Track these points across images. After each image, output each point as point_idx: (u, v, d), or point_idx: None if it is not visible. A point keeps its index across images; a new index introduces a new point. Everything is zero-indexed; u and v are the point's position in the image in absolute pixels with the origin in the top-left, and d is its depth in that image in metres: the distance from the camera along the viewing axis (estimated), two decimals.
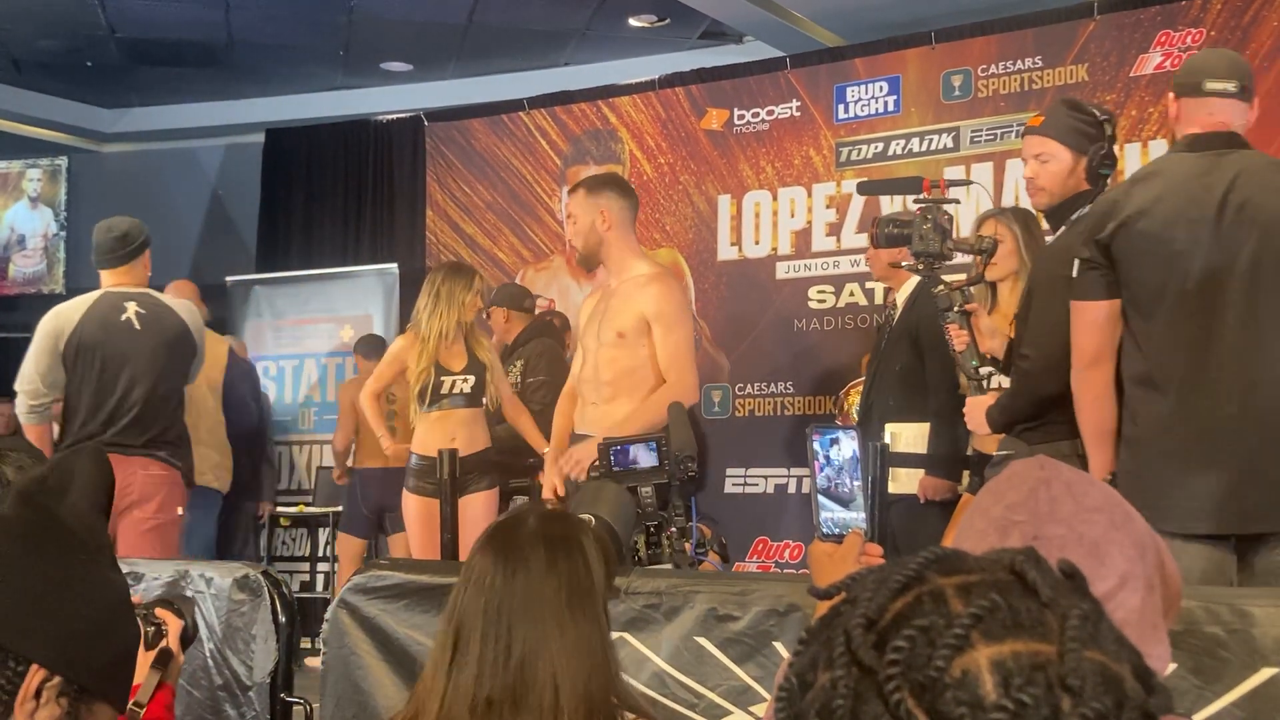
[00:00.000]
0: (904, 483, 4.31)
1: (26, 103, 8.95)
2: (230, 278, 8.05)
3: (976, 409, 3.37)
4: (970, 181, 5.02)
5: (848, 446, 1.90)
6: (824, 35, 6.92)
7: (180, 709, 2.57)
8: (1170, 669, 1.77)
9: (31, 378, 4.60)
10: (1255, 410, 2.85)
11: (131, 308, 4.67)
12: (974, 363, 3.38)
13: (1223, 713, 1.81)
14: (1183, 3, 5.70)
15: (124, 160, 9.63)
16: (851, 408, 6.20)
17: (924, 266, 3.46)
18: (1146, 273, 2.92)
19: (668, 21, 7.33)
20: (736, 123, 6.86)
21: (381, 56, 8.19)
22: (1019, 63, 6.09)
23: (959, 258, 3.86)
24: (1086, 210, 3.24)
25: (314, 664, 3.41)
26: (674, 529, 2.88)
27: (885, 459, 3.85)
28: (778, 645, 2.17)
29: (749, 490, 6.57)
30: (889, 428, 4.41)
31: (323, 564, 7.26)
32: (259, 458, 6.76)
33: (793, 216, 6.66)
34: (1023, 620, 0.73)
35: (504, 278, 7.43)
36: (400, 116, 8.27)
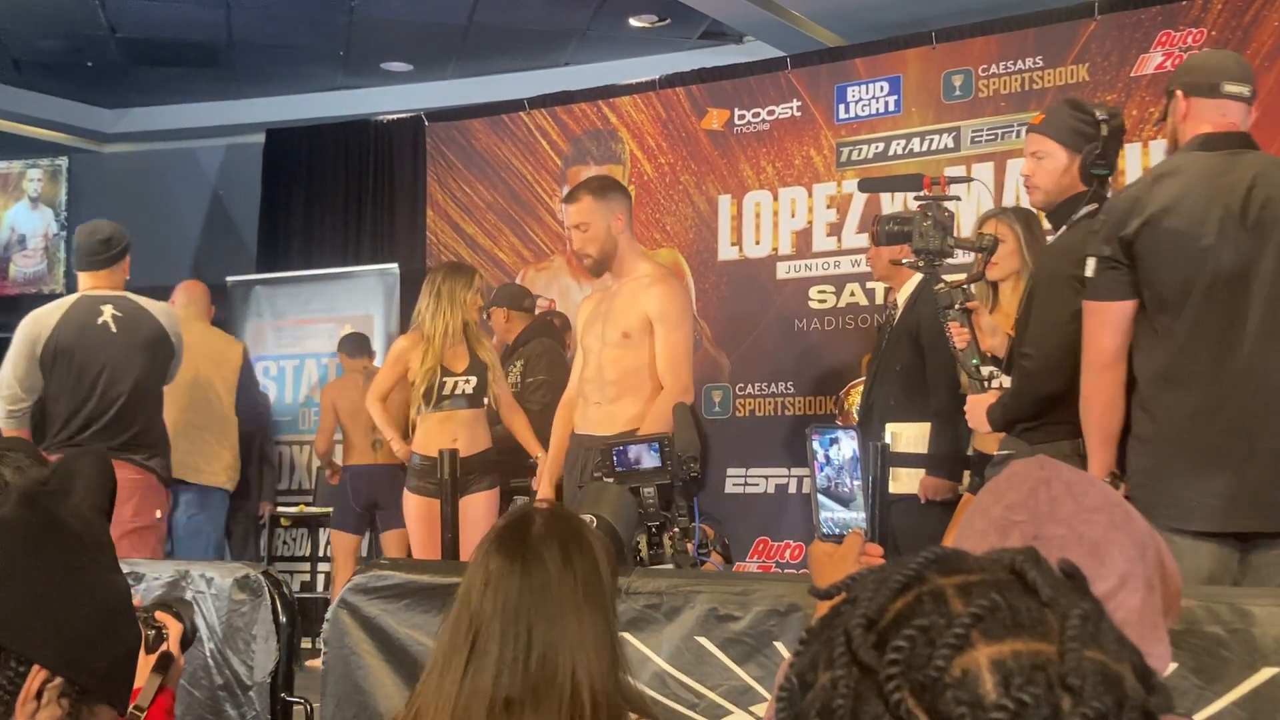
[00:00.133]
0: (904, 483, 4.31)
1: (27, 103, 8.95)
2: (231, 278, 8.05)
3: (977, 408, 3.37)
4: (971, 179, 5.03)
5: (848, 446, 1.90)
6: (824, 35, 6.92)
7: (181, 709, 2.57)
8: (1171, 668, 1.77)
9: (9, 382, 4.60)
10: (1278, 407, 2.85)
11: (109, 311, 4.67)
12: (975, 361, 3.38)
13: (1223, 712, 1.81)
14: (1183, 2, 5.70)
15: (124, 160, 9.62)
16: (852, 407, 6.20)
17: (925, 263, 3.46)
18: (1173, 269, 2.91)
19: (668, 21, 7.33)
20: (737, 123, 6.86)
21: (382, 56, 8.19)
22: (1019, 63, 6.08)
23: (960, 257, 3.87)
24: (1090, 210, 3.24)
25: (314, 664, 3.41)
26: (677, 529, 2.88)
27: (886, 459, 3.85)
28: (778, 645, 2.17)
29: (749, 490, 6.57)
30: (889, 427, 4.40)
31: (323, 564, 7.26)
32: (259, 458, 6.76)
33: (793, 216, 6.66)
34: (1023, 620, 0.73)
35: (505, 278, 7.43)
36: (401, 116, 8.27)
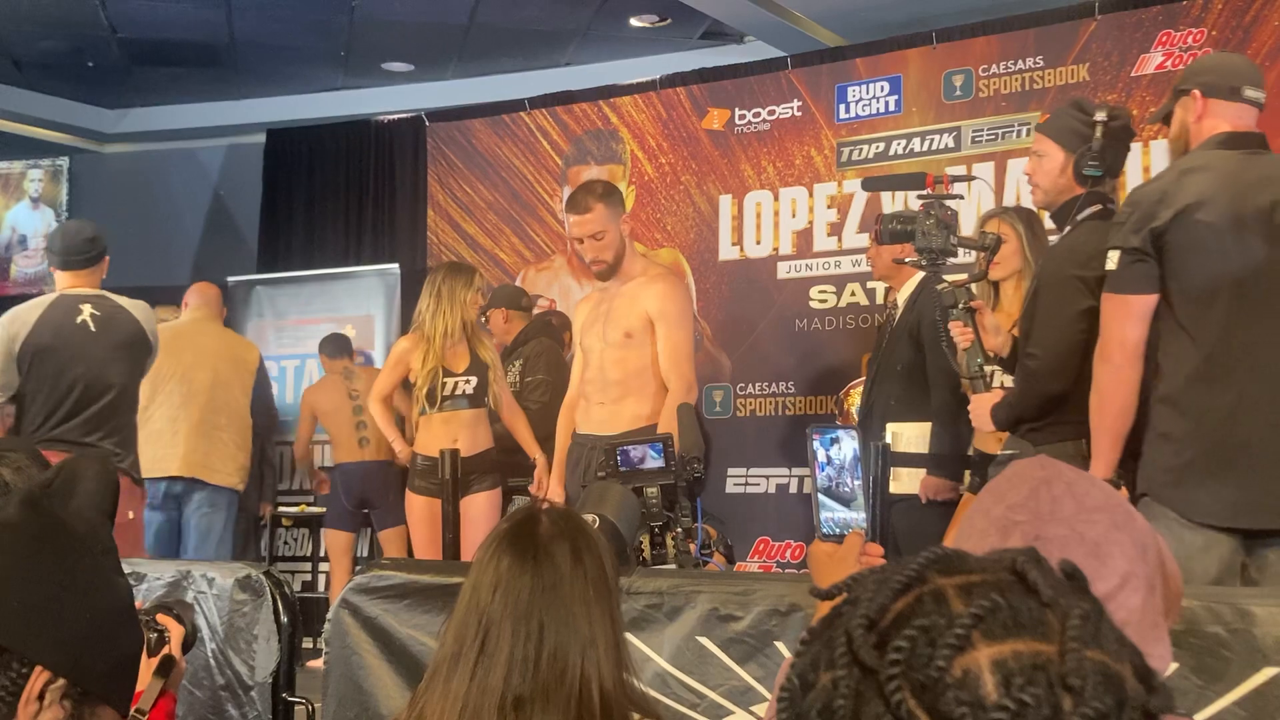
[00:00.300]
0: (905, 482, 4.30)
1: (28, 103, 8.94)
2: (232, 278, 8.05)
3: (981, 407, 3.36)
4: (974, 177, 5.02)
5: (848, 446, 1.90)
6: (825, 35, 6.92)
7: (182, 709, 2.57)
8: (1172, 668, 1.77)
9: None
10: None
11: (87, 309, 4.70)
12: (979, 360, 3.38)
13: (1224, 712, 1.81)
14: (1184, 2, 5.70)
15: (125, 160, 9.62)
16: (852, 408, 6.20)
17: (928, 262, 3.46)
18: (1203, 263, 2.90)
19: (669, 21, 7.33)
20: (738, 123, 6.86)
21: (382, 57, 8.18)
22: (1020, 62, 6.08)
23: (962, 256, 3.86)
24: (1094, 210, 3.24)
25: (316, 664, 3.41)
26: (680, 530, 2.88)
27: (887, 459, 3.85)
28: (779, 645, 2.17)
29: (750, 490, 6.57)
30: (890, 427, 4.40)
31: (324, 564, 7.25)
32: (260, 459, 6.77)
33: (794, 216, 6.66)
34: (1024, 620, 0.73)
35: (505, 278, 7.43)
36: (401, 117, 8.27)
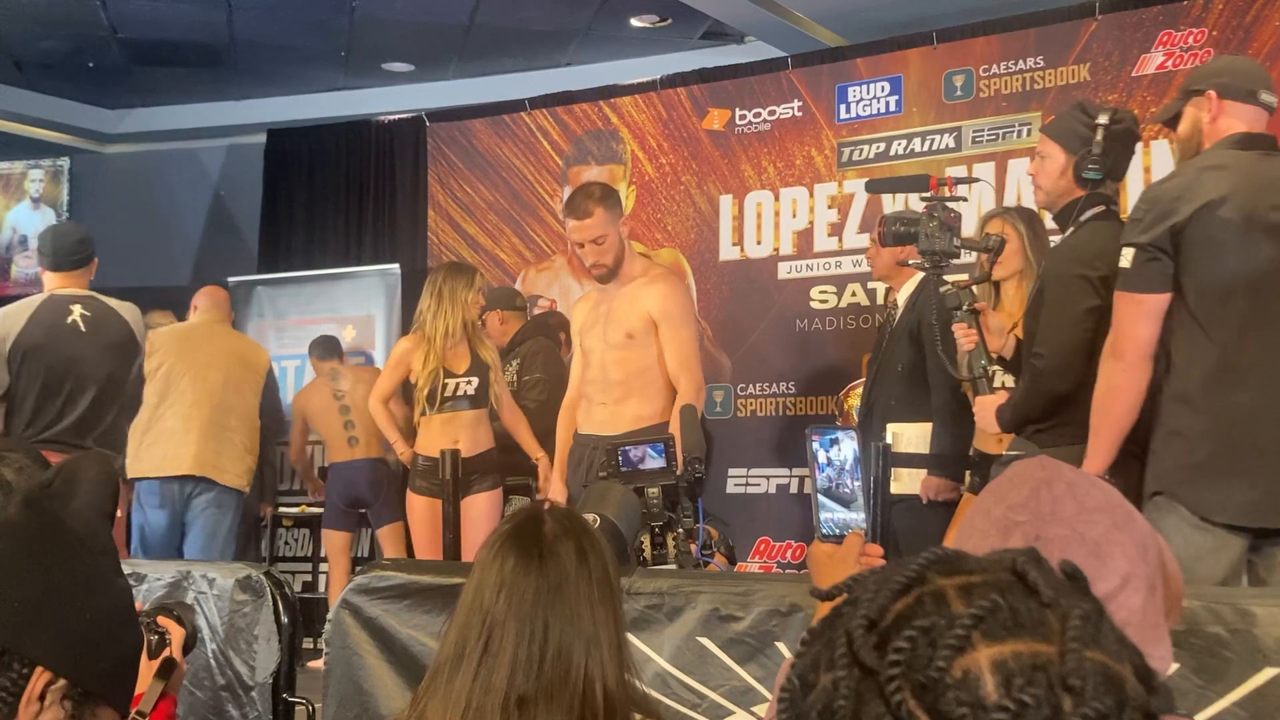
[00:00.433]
0: (906, 483, 4.30)
1: (29, 103, 8.95)
2: (232, 278, 8.04)
3: (986, 409, 3.36)
4: (976, 179, 5.02)
5: (848, 447, 1.90)
6: (825, 35, 6.92)
7: (183, 709, 2.57)
8: (1172, 669, 1.77)
9: None
10: None
11: (77, 310, 4.75)
12: (983, 362, 3.38)
13: (1225, 713, 1.81)
14: (1184, 2, 5.70)
15: (126, 161, 9.63)
16: (851, 408, 6.19)
17: (931, 265, 3.46)
18: (1222, 260, 2.89)
19: (669, 22, 7.33)
20: (738, 123, 6.86)
21: (383, 57, 8.19)
22: (1021, 62, 6.08)
23: (964, 257, 3.86)
24: (1097, 211, 3.24)
25: (316, 664, 3.41)
26: (681, 530, 2.88)
27: (887, 459, 3.85)
28: (780, 645, 2.17)
29: (751, 490, 6.57)
30: (891, 427, 4.39)
31: (325, 565, 7.25)
32: (261, 459, 6.77)
33: (794, 216, 6.66)
34: (1024, 621, 0.73)
35: (506, 278, 7.43)
36: (402, 117, 8.27)
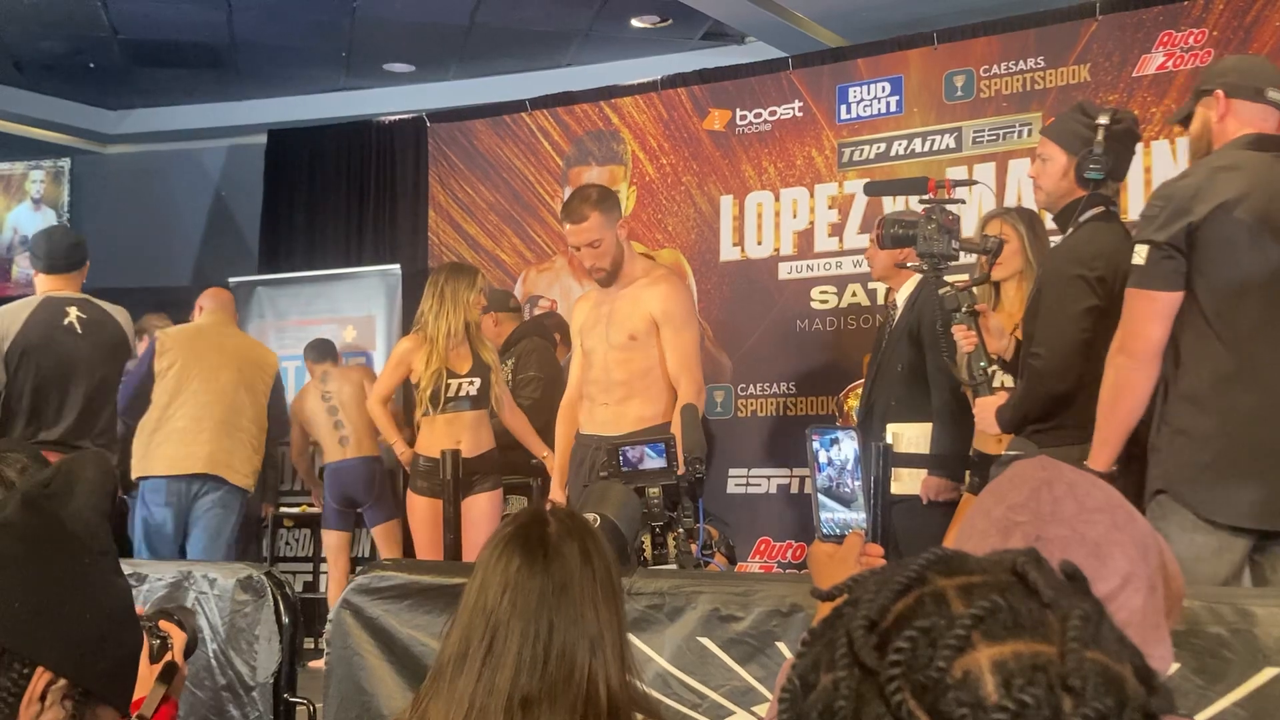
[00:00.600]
0: (906, 483, 4.30)
1: (29, 104, 8.95)
2: (233, 279, 8.03)
3: (986, 410, 3.36)
4: (975, 181, 5.02)
5: (848, 447, 1.90)
6: (826, 36, 6.93)
7: (184, 709, 2.57)
8: (1173, 669, 1.77)
9: None
10: None
11: (73, 312, 4.83)
12: (982, 364, 3.38)
13: (1225, 713, 1.81)
14: (1185, 3, 5.70)
15: (127, 161, 9.63)
16: (851, 409, 6.19)
17: (929, 267, 3.46)
18: (1235, 261, 2.88)
19: (670, 22, 7.33)
20: (739, 123, 6.86)
21: (384, 57, 8.19)
22: (1021, 63, 6.08)
23: (964, 258, 3.86)
24: (1096, 212, 3.24)
25: (317, 665, 3.41)
26: (681, 530, 2.88)
27: (888, 459, 3.85)
28: (780, 646, 2.17)
29: (751, 490, 6.57)
30: (891, 428, 4.39)
31: (326, 565, 7.26)
32: (265, 460, 6.78)
33: (795, 217, 6.66)
34: (1024, 621, 0.73)
35: (506, 278, 7.44)
36: (402, 117, 8.27)
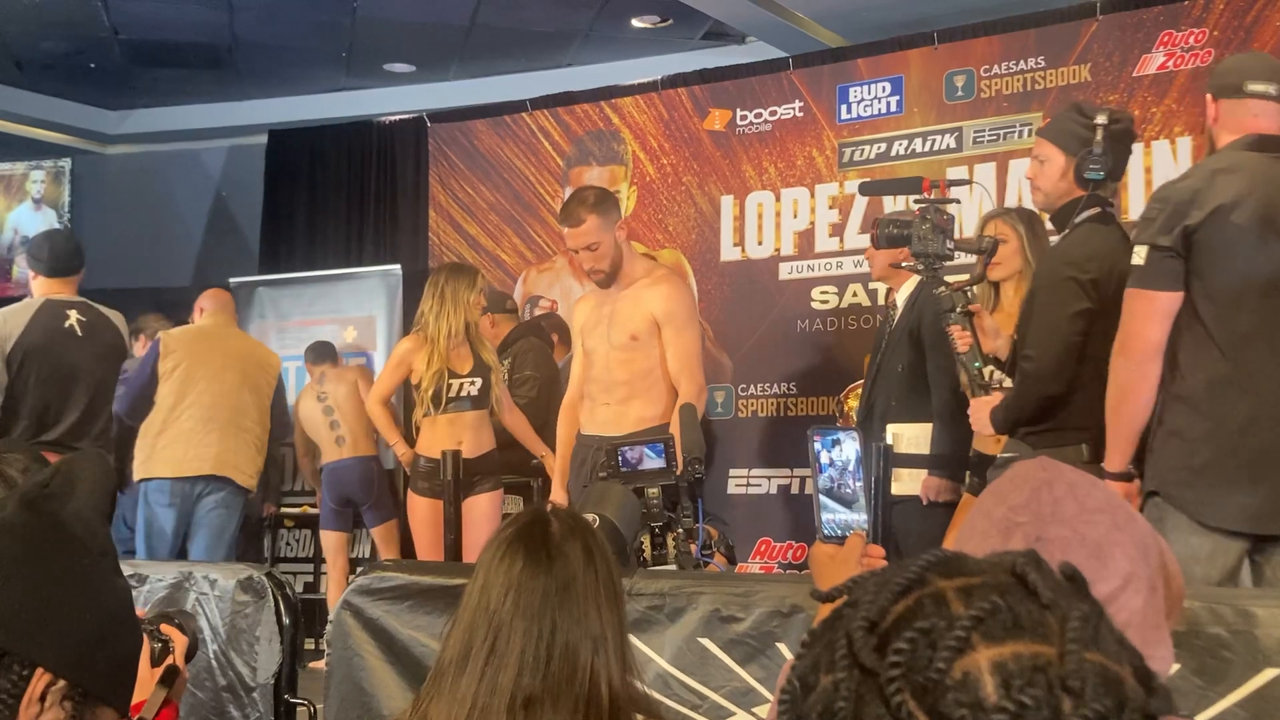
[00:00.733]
0: (906, 483, 4.30)
1: (30, 104, 8.96)
2: (234, 279, 8.04)
3: (981, 410, 3.36)
4: (970, 181, 5.02)
5: (849, 448, 1.90)
6: (826, 36, 6.93)
7: (185, 710, 2.57)
8: (1173, 669, 1.77)
9: None
10: None
11: (73, 316, 4.90)
12: (977, 364, 3.38)
13: (1226, 713, 1.81)
14: (1185, 3, 5.69)
15: (127, 162, 9.63)
16: (851, 410, 6.19)
17: (924, 267, 3.46)
18: (1232, 265, 2.88)
19: (670, 22, 7.33)
20: (739, 123, 6.86)
21: (384, 58, 8.19)
22: (1022, 63, 6.08)
23: (963, 258, 3.86)
24: (1092, 213, 3.24)
25: (318, 665, 3.42)
26: (681, 530, 2.88)
27: (889, 460, 3.85)
28: (781, 646, 2.17)
29: (752, 491, 6.57)
30: (890, 428, 4.39)
31: (326, 565, 7.26)
32: (267, 460, 6.78)
33: (795, 217, 6.66)
34: (1023, 622, 0.73)
35: (507, 279, 7.44)
36: (403, 117, 8.27)
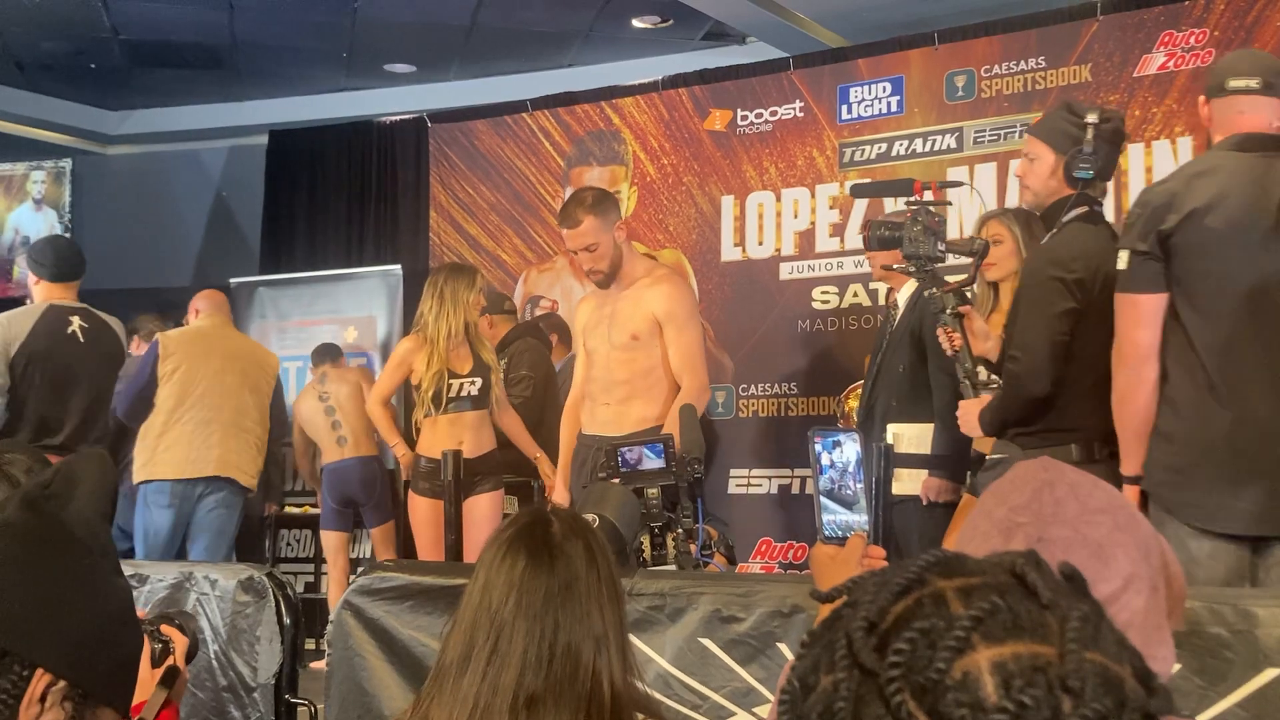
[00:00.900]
0: (906, 483, 4.30)
1: (31, 105, 8.96)
2: (234, 279, 8.05)
3: (969, 413, 3.36)
4: (961, 183, 5.01)
5: (850, 449, 1.90)
6: (827, 36, 6.92)
7: (185, 710, 2.57)
8: (1174, 669, 1.77)
9: None
10: None
11: (76, 321, 4.98)
12: (966, 365, 3.37)
13: (1227, 713, 1.81)
14: (1186, 3, 5.69)
15: (128, 162, 9.64)
16: (851, 410, 6.19)
17: (915, 268, 3.45)
18: (1208, 269, 2.89)
19: (671, 22, 7.33)
20: (740, 123, 6.86)
21: (385, 58, 8.19)
22: (1022, 63, 6.08)
23: (956, 259, 3.85)
24: (1080, 212, 3.23)
25: (318, 665, 3.42)
26: (680, 530, 2.88)
27: (890, 460, 3.84)
28: (782, 646, 2.17)
29: (752, 491, 6.57)
30: (891, 428, 4.39)
31: (327, 565, 7.26)
32: (269, 460, 6.78)
33: (796, 217, 6.66)
34: (1023, 622, 0.73)
35: (508, 279, 7.44)
36: (403, 118, 8.27)
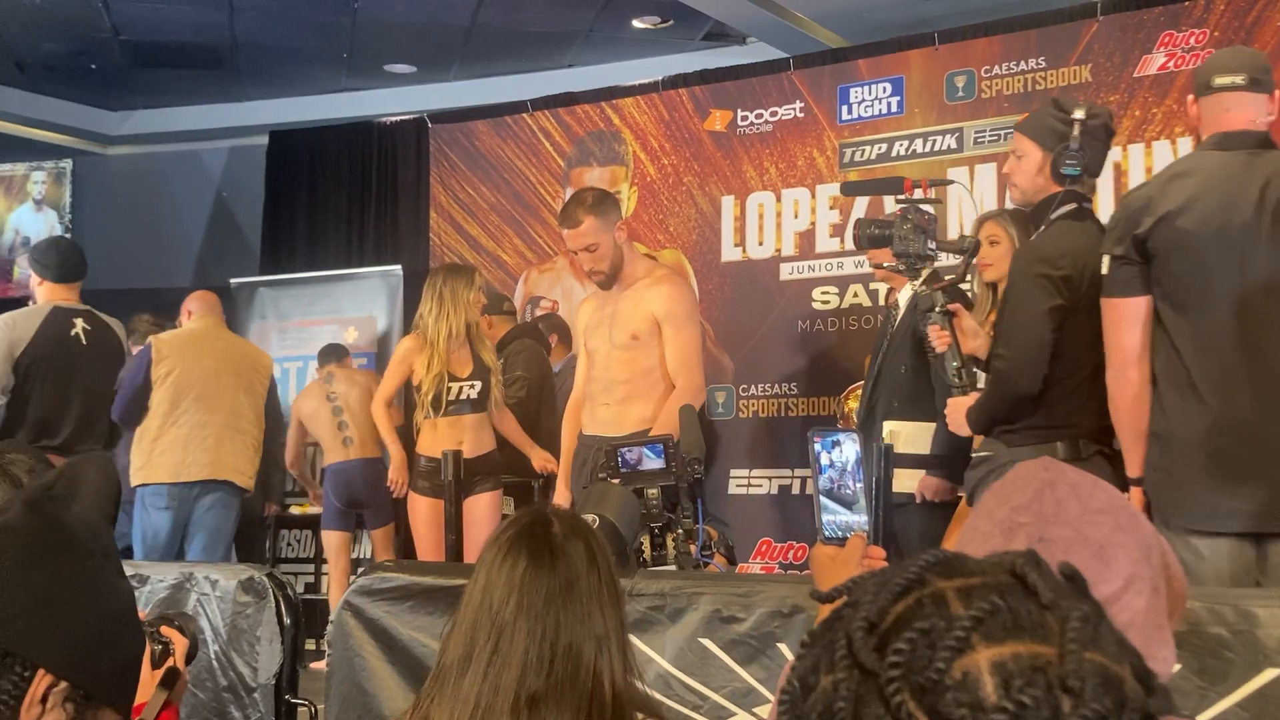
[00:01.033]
0: (905, 483, 4.29)
1: (31, 105, 8.96)
2: (235, 280, 8.06)
3: (957, 411, 3.36)
4: (951, 181, 5.00)
5: (849, 449, 1.90)
6: (827, 36, 6.93)
7: (186, 710, 2.57)
8: (1175, 669, 1.77)
9: None
10: None
11: (80, 323, 5.02)
12: (955, 364, 3.36)
13: (1227, 713, 1.81)
14: (1186, 3, 5.70)
15: (128, 162, 9.64)
16: (851, 411, 6.19)
17: (906, 267, 3.45)
18: (1184, 270, 2.90)
19: (671, 23, 7.33)
20: (740, 124, 6.86)
21: (385, 58, 8.20)
22: (1022, 63, 6.08)
23: (953, 259, 3.85)
24: (1068, 209, 3.22)
25: (319, 666, 3.42)
26: (680, 530, 2.88)
27: (890, 460, 3.84)
28: (782, 647, 2.17)
29: (753, 491, 6.57)
30: (888, 425, 4.39)
31: (327, 566, 7.26)
32: (269, 461, 6.78)
33: (796, 217, 6.66)
34: (1023, 622, 0.73)
35: (508, 279, 7.44)
36: (404, 118, 8.28)
